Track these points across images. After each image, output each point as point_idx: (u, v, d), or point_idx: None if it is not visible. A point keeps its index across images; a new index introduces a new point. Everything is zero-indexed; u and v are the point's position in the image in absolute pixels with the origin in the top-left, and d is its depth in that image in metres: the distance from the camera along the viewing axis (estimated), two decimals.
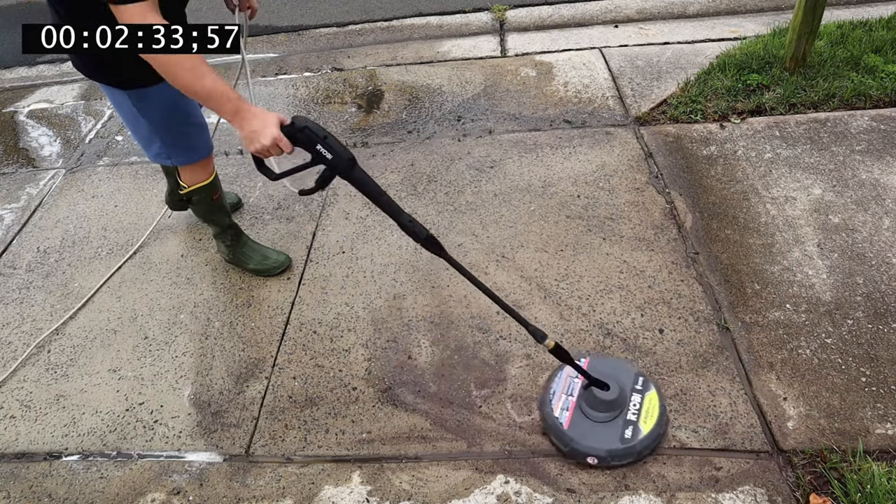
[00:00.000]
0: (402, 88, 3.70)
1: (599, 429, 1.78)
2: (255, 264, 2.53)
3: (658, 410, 1.82)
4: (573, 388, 1.88)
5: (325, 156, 1.65)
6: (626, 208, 2.63)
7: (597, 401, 1.81)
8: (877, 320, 2.08)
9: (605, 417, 1.80)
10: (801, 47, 3.16)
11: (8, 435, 2.10)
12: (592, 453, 1.75)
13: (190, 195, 2.36)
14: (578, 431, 1.78)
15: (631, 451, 1.75)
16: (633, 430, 1.77)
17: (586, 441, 1.76)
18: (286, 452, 1.93)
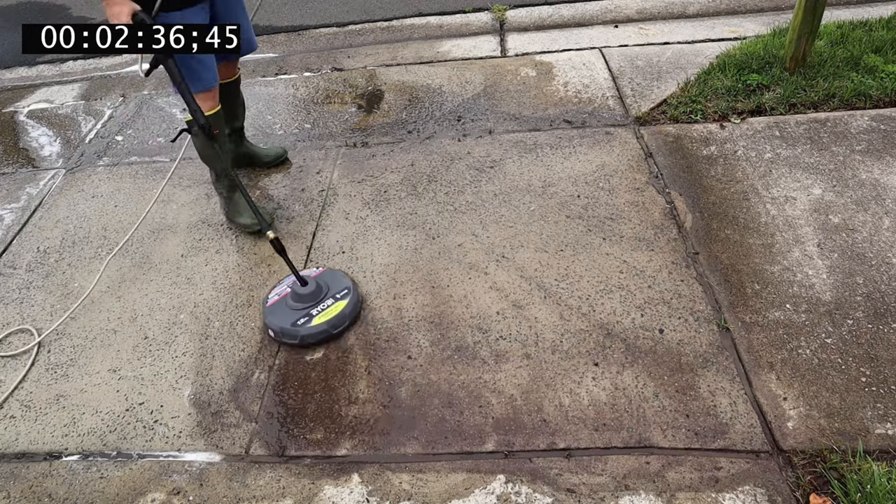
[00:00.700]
0: (402, 88, 3.70)
1: (286, 314, 2.25)
2: (247, 218, 2.71)
3: (336, 314, 2.23)
4: (289, 284, 2.35)
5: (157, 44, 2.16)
6: (626, 208, 2.63)
7: (294, 293, 2.28)
8: (877, 320, 2.08)
9: (295, 307, 2.27)
10: (801, 47, 3.16)
11: (8, 435, 2.10)
12: (272, 327, 2.23)
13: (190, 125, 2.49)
14: (272, 312, 2.27)
15: (295, 333, 2.19)
16: (307, 320, 2.22)
17: (271, 318, 2.25)
18: (286, 452, 1.93)
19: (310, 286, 2.28)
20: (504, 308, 2.27)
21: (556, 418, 1.92)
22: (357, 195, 2.91)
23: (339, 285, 2.34)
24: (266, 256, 2.64)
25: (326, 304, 2.26)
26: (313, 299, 2.27)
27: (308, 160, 3.19)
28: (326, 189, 2.97)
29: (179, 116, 3.71)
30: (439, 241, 2.59)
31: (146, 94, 4.03)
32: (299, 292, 2.27)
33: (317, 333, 2.20)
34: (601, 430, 1.87)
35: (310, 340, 2.19)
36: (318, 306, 2.26)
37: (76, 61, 4.76)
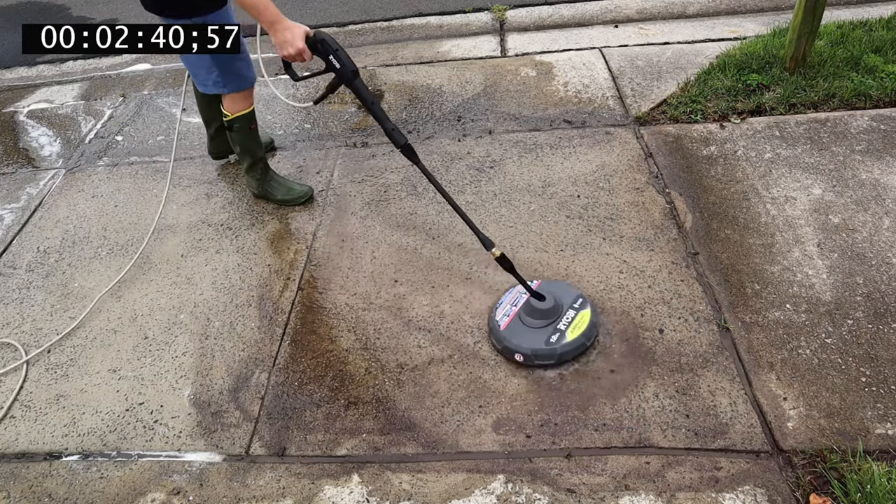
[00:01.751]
0: (401, 88, 3.70)
1: (531, 333, 2.07)
2: (282, 195, 2.88)
3: (587, 324, 2.07)
4: (518, 301, 2.17)
5: (334, 64, 2.14)
6: (626, 208, 2.63)
7: (533, 309, 2.10)
8: (877, 320, 2.08)
9: (538, 324, 2.08)
10: (801, 47, 3.16)
11: (8, 435, 2.10)
12: (519, 350, 2.03)
13: (232, 123, 2.71)
14: (512, 333, 2.08)
15: (552, 352, 2.02)
16: (559, 336, 2.04)
17: (516, 340, 2.05)
18: (286, 452, 1.93)
19: (547, 301, 2.09)
20: None
21: (555, 418, 1.92)
22: (357, 195, 2.91)
23: (569, 295, 2.16)
24: (267, 256, 2.65)
25: (569, 315, 2.09)
26: (555, 314, 2.09)
27: (308, 160, 3.19)
28: (326, 189, 2.97)
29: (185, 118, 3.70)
30: (439, 241, 2.59)
31: (146, 94, 4.03)
32: (539, 308, 2.08)
33: (575, 349, 2.03)
34: (601, 430, 1.87)
35: (567, 357, 2.03)
36: (562, 320, 2.08)
37: (76, 61, 4.76)
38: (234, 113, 2.69)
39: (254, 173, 2.87)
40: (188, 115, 3.68)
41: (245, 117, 2.72)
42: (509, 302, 2.18)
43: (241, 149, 2.80)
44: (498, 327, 2.10)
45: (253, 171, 2.87)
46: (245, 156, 2.82)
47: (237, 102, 2.67)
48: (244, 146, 2.79)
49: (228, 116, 2.70)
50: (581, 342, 2.04)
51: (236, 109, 2.68)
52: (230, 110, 2.69)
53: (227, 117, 2.71)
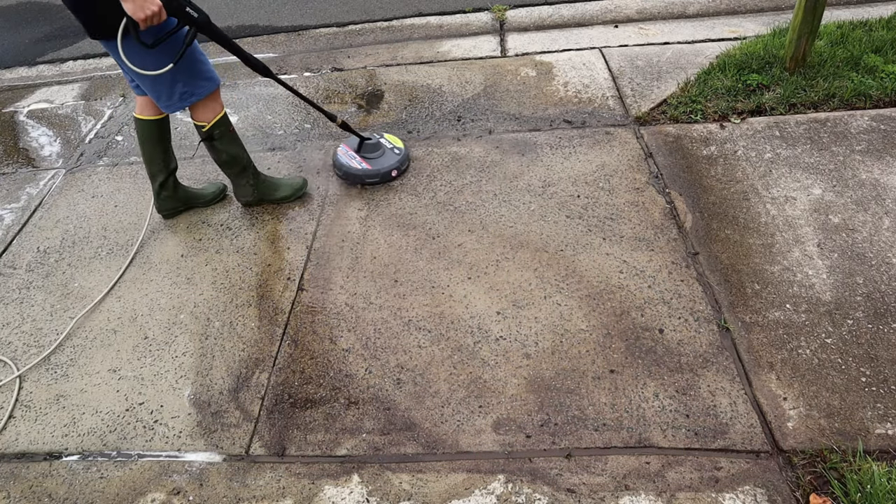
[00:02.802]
0: (401, 88, 3.70)
1: (383, 158, 2.95)
2: (283, 193, 2.85)
3: (397, 138, 3.07)
4: (353, 156, 2.97)
5: (192, 15, 2.14)
6: (626, 208, 2.63)
7: (370, 146, 2.96)
8: (877, 320, 2.08)
9: (379, 153, 2.95)
10: (801, 47, 3.16)
11: (8, 435, 2.10)
12: (392, 168, 2.91)
13: (211, 131, 2.55)
14: (378, 164, 2.92)
15: (405, 154, 2.99)
16: (397, 149, 3.00)
17: (386, 164, 2.91)
18: (286, 452, 1.93)
19: (372, 138, 2.97)
20: (504, 308, 2.28)
21: (555, 418, 1.92)
22: (357, 195, 2.91)
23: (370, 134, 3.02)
24: (267, 256, 2.65)
25: (384, 140, 3.01)
26: (382, 145, 2.98)
27: (308, 160, 3.19)
28: (326, 189, 2.97)
29: (179, 116, 3.71)
30: (439, 241, 2.60)
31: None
32: (373, 143, 2.94)
33: (408, 151, 3.02)
34: (601, 429, 1.87)
35: (408, 155, 3.01)
36: (386, 143, 3.00)
37: (76, 61, 4.76)
38: (211, 120, 2.53)
39: (245, 178, 2.76)
40: (188, 115, 3.68)
41: (223, 120, 2.57)
42: (349, 159, 2.95)
43: (228, 156, 2.65)
44: (368, 169, 2.89)
45: (244, 176, 2.75)
46: (233, 164, 2.69)
47: (209, 108, 2.51)
48: (230, 152, 2.65)
49: (206, 126, 2.52)
50: (406, 145, 3.05)
51: (211, 116, 2.52)
52: (205, 119, 2.52)
53: (205, 127, 2.53)
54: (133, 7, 1.97)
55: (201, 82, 2.43)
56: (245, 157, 2.72)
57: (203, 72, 2.43)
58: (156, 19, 2.02)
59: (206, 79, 2.44)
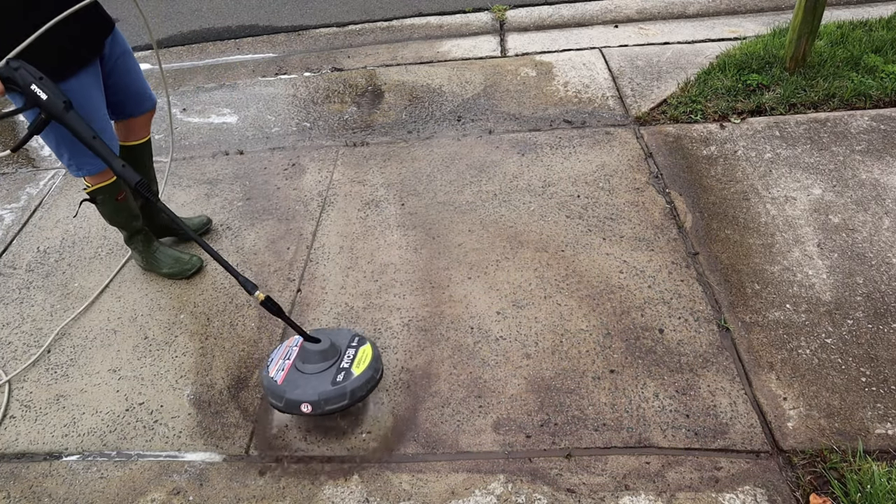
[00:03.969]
0: (402, 88, 3.70)
1: (313, 379, 1.83)
2: (167, 268, 2.56)
3: (371, 358, 1.90)
4: (291, 354, 1.92)
5: (40, 96, 1.66)
6: (626, 208, 2.63)
7: (309, 353, 1.87)
8: (877, 320, 2.08)
9: (318, 368, 1.85)
10: (801, 47, 3.16)
11: (8, 435, 2.10)
12: (305, 399, 1.79)
13: (94, 195, 2.31)
14: (292, 384, 1.83)
15: (342, 391, 1.80)
16: (346, 374, 1.84)
17: (298, 391, 1.81)
18: (286, 452, 1.93)
19: (323, 342, 1.88)
20: (504, 308, 2.28)
21: (555, 418, 1.92)
22: (357, 195, 2.91)
23: (343, 336, 1.97)
24: (267, 256, 2.65)
25: (349, 354, 1.91)
26: (334, 354, 1.89)
27: (308, 160, 3.19)
28: (326, 189, 2.97)
29: (179, 116, 3.71)
30: (439, 241, 2.60)
31: None
32: (316, 350, 1.87)
33: (365, 382, 1.85)
34: (601, 429, 1.87)
35: (359, 394, 1.83)
36: (343, 359, 1.89)
37: None
38: (96, 184, 2.27)
39: (134, 245, 2.55)
40: (188, 115, 3.68)
41: (109, 188, 2.29)
42: (280, 356, 1.93)
43: (110, 221, 2.44)
44: (274, 383, 1.84)
45: (133, 243, 2.55)
46: (118, 228, 2.49)
47: (99, 177, 2.27)
48: (113, 219, 2.42)
49: (88, 187, 2.28)
50: (370, 375, 1.85)
51: (97, 180, 2.27)
52: (90, 180, 2.28)
53: (87, 188, 2.29)
54: None
55: (87, 159, 2.14)
56: (135, 225, 2.47)
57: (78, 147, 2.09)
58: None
59: (94, 156, 2.06)
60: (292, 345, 1.95)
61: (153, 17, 5.23)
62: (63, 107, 1.70)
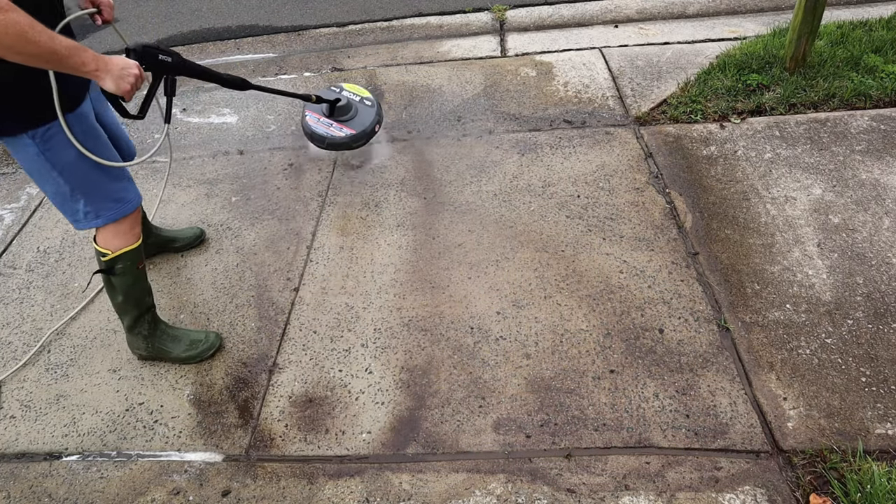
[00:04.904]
0: (402, 88, 3.70)
1: (361, 115, 2.84)
2: (181, 351, 2.22)
3: (358, 86, 2.94)
4: (328, 122, 2.82)
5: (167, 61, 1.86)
6: (626, 208, 2.63)
7: (343, 109, 2.82)
8: (877, 320, 2.08)
9: (354, 112, 2.84)
10: (801, 47, 3.16)
11: (8, 435, 2.10)
12: (374, 122, 2.84)
13: (112, 263, 1.99)
14: (359, 125, 2.80)
15: (377, 103, 2.90)
16: (367, 100, 2.90)
17: (367, 123, 2.81)
18: (286, 452, 1.93)
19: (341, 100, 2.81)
20: (504, 308, 2.28)
21: (555, 418, 1.92)
22: (357, 195, 2.91)
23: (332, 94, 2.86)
24: (267, 256, 2.65)
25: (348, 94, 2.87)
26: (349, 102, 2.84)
27: (307, 160, 3.19)
28: (326, 189, 2.97)
29: (180, 116, 3.71)
30: (439, 241, 2.60)
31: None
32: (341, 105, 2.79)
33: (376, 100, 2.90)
34: (601, 430, 1.87)
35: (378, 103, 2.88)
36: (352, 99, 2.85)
37: None
38: (117, 250, 1.98)
39: (139, 330, 2.18)
40: (188, 115, 3.68)
41: (132, 253, 2.02)
42: (325, 127, 2.79)
43: (125, 298, 2.09)
44: (354, 133, 2.76)
45: (138, 327, 2.17)
46: (129, 308, 2.13)
47: (119, 233, 1.97)
48: (129, 294, 2.09)
49: (108, 255, 1.98)
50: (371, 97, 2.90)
51: (118, 245, 1.98)
52: (109, 246, 1.98)
53: (106, 256, 1.98)
54: (114, 83, 1.62)
55: (108, 203, 1.91)
56: (148, 302, 2.17)
57: (112, 191, 1.91)
58: (139, 83, 1.69)
59: (116, 200, 1.92)
60: (320, 118, 2.82)
61: (153, 17, 5.23)
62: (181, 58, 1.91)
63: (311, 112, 2.85)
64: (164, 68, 1.86)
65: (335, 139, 2.77)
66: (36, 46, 1.45)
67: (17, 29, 1.40)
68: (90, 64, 1.57)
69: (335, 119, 2.80)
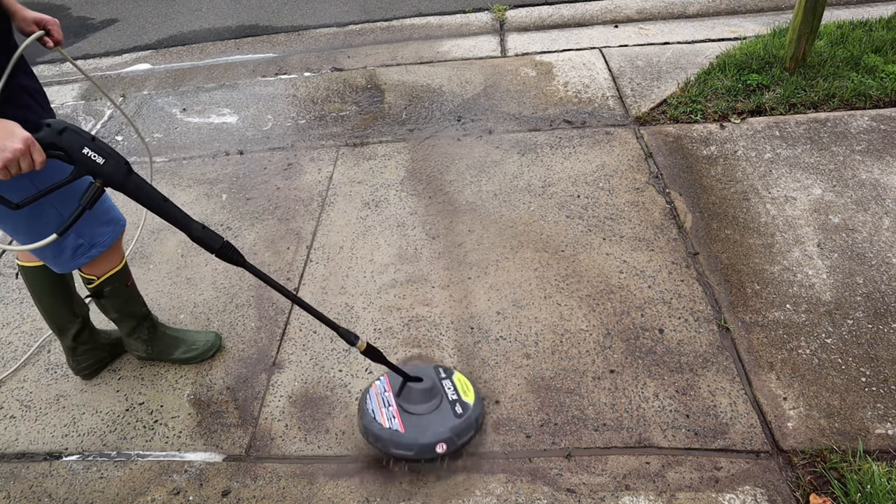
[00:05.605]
0: (402, 88, 3.70)
1: (432, 418, 1.80)
2: (181, 353, 2.19)
3: (470, 384, 1.91)
4: (388, 401, 1.87)
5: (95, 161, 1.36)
6: (626, 208, 2.63)
7: (417, 393, 1.83)
8: (877, 320, 2.08)
9: (429, 407, 1.82)
10: (801, 47, 3.16)
11: (8, 435, 2.10)
12: (439, 440, 1.75)
13: (101, 288, 1.90)
14: (416, 429, 1.77)
15: (469, 421, 1.80)
16: (461, 404, 1.83)
17: (428, 433, 1.76)
18: (286, 452, 1.93)
19: (426, 379, 1.86)
20: (504, 308, 2.28)
21: (555, 418, 1.92)
22: (357, 195, 2.91)
23: (428, 370, 1.94)
24: (267, 256, 2.65)
25: (447, 385, 1.89)
26: (438, 390, 1.87)
27: (308, 160, 3.19)
28: (326, 189, 2.97)
29: (179, 116, 3.71)
30: (439, 241, 2.60)
31: (146, 94, 4.03)
32: (423, 388, 1.84)
33: (482, 409, 1.89)
34: (601, 429, 1.87)
35: (481, 420, 1.86)
36: (446, 392, 1.87)
37: (76, 61, 4.76)
38: (103, 274, 1.88)
39: (139, 335, 2.13)
40: (188, 115, 3.68)
41: (119, 275, 1.93)
42: (380, 406, 1.86)
43: (120, 314, 2.04)
44: (398, 433, 1.77)
45: (138, 332, 2.12)
46: (126, 319, 2.08)
47: (104, 259, 1.85)
48: (123, 310, 2.04)
49: (95, 281, 1.88)
50: (479, 398, 1.89)
51: (106, 268, 1.88)
52: (94, 273, 1.87)
53: (93, 282, 1.88)
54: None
55: (101, 228, 1.76)
56: (143, 310, 2.09)
57: (103, 212, 1.76)
58: (24, 165, 1.28)
59: (108, 222, 1.78)
60: (382, 392, 1.89)
61: (153, 16, 5.22)
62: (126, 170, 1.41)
63: (386, 377, 1.95)
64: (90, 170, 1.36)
65: (372, 428, 1.83)
66: None
67: None
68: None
69: (399, 400, 1.86)
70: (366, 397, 1.91)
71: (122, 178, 1.40)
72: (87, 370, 2.20)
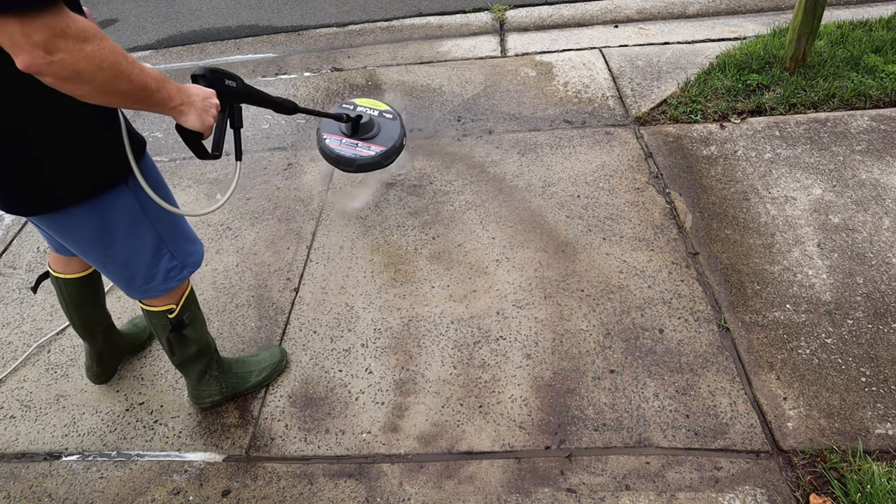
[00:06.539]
0: (401, 88, 3.70)
1: (386, 130, 2.58)
2: (255, 378, 2.07)
3: (372, 101, 2.67)
4: (353, 142, 2.54)
5: (232, 86, 1.60)
6: (626, 208, 2.63)
7: (367, 126, 2.56)
8: (877, 320, 2.08)
9: (378, 128, 2.58)
10: (801, 47, 3.16)
11: (8, 435, 2.10)
12: (402, 136, 2.59)
13: (180, 317, 1.76)
14: (386, 140, 2.55)
15: (397, 113, 2.66)
16: (386, 112, 2.65)
17: (394, 136, 2.57)
18: (286, 452, 1.93)
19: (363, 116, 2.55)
20: (504, 308, 2.28)
21: (555, 418, 1.92)
22: (357, 195, 2.91)
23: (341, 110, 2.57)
24: (267, 256, 2.65)
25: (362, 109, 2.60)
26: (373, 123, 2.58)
27: (308, 160, 3.19)
28: (326, 188, 2.97)
29: None
30: (439, 241, 2.60)
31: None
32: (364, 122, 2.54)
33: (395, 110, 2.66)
34: (601, 429, 1.87)
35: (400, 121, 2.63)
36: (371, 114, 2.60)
37: None
38: (180, 299, 1.75)
39: (210, 373, 1.97)
40: None
41: (192, 295, 1.81)
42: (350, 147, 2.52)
43: (199, 346, 1.87)
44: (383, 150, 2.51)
45: (209, 371, 1.97)
46: (201, 356, 1.91)
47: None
48: (200, 339, 1.86)
49: (175, 310, 1.73)
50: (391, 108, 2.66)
51: (180, 293, 1.74)
52: (173, 299, 1.73)
53: (174, 312, 1.73)
54: (198, 117, 1.36)
55: (190, 247, 1.69)
56: (211, 340, 1.95)
57: (186, 230, 1.69)
58: (216, 115, 1.45)
59: (193, 240, 1.71)
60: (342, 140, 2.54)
61: (153, 16, 5.23)
62: (242, 80, 1.63)
63: (328, 135, 2.56)
64: (230, 95, 1.59)
65: (364, 159, 2.48)
66: (128, 82, 1.13)
67: (113, 61, 1.07)
68: (175, 98, 1.29)
69: (359, 138, 2.52)
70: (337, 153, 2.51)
71: (245, 87, 1.65)
72: (106, 375, 2.17)
